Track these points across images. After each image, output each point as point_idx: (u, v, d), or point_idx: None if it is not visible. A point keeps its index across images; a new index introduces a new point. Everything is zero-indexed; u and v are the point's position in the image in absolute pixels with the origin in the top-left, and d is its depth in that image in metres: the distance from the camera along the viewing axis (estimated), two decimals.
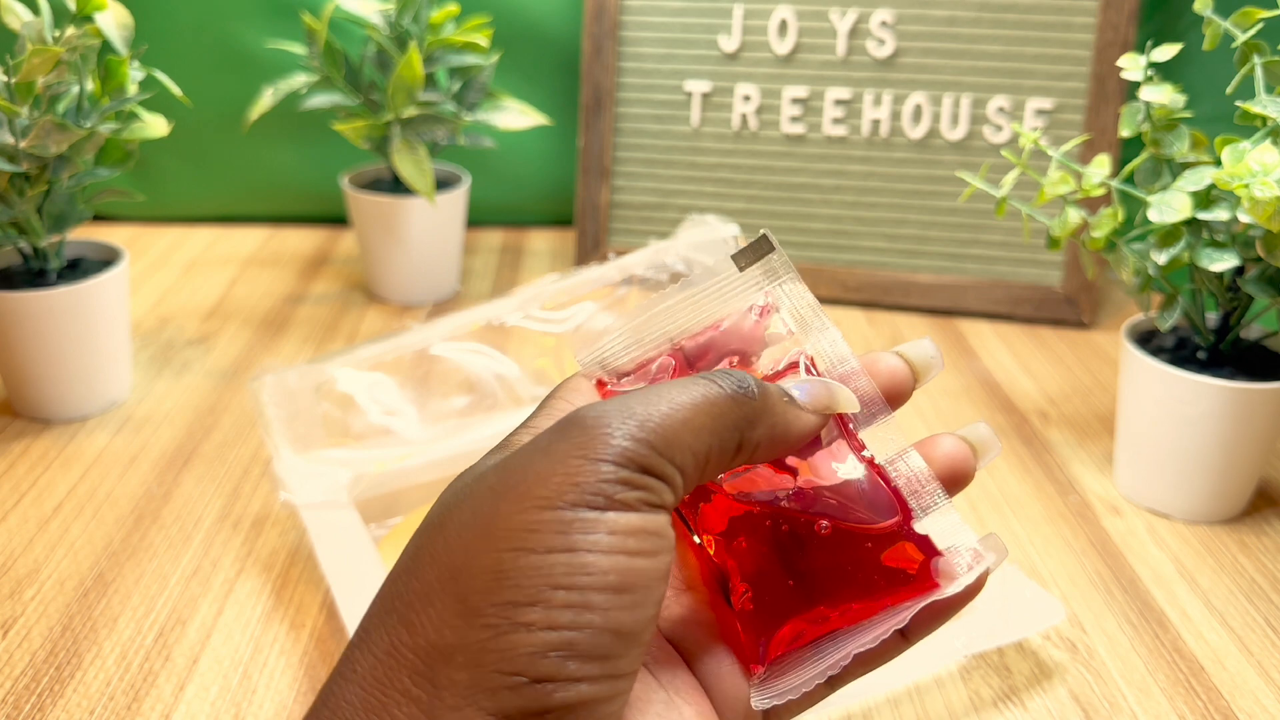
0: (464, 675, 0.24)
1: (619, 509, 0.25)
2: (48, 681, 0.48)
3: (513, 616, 0.24)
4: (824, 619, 0.30)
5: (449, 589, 0.25)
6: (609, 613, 0.24)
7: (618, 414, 0.26)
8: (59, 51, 0.59)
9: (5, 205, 0.63)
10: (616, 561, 0.25)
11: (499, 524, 0.25)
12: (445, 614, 0.24)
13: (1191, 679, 0.49)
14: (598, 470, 0.25)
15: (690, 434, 0.26)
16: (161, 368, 0.76)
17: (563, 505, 0.24)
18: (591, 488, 0.25)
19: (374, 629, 0.26)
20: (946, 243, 0.84)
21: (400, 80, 0.76)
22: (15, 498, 0.61)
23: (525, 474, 0.25)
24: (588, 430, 0.25)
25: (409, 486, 0.58)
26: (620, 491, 0.25)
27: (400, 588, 0.26)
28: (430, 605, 0.25)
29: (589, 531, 0.24)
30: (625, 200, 0.89)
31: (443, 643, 0.24)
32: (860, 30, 0.83)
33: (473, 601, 0.24)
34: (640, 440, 0.25)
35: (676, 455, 0.26)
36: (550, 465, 0.25)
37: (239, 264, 0.93)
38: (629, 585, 0.25)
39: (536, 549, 0.24)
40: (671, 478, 0.26)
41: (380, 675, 0.25)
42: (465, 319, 0.61)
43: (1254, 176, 0.51)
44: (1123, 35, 0.79)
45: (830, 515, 0.30)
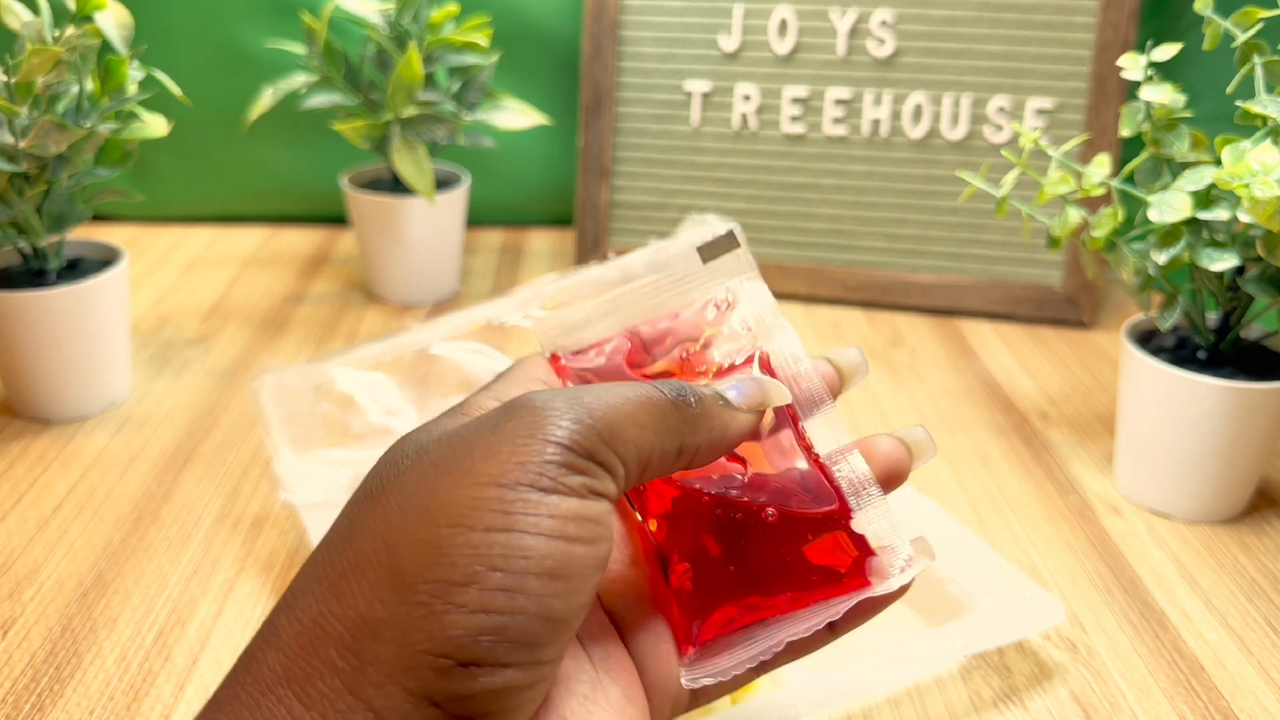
0: (391, 652, 0.23)
1: (562, 493, 0.25)
2: (47, 682, 0.48)
3: (446, 596, 0.23)
4: (757, 607, 0.30)
5: (383, 561, 0.24)
6: (543, 599, 0.24)
7: (566, 400, 0.26)
8: (58, 51, 0.59)
9: (5, 205, 0.63)
10: (555, 546, 0.24)
11: (439, 498, 0.24)
12: (377, 587, 0.24)
13: (1192, 679, 0.49)
14: (544, 451, 0.25)
15: (634, 429, 0.26)
16: (161, 368, 0.76)
17: (506, 483, 0.24)
18: (536, 468, 0.24)
19: (302, 595, 0.25)
20: (947, 242, 0.84)
21: (400, 80, 0.76)
22: (14, 498, 0.61)
23: (471, 449, 0.25)
24: (536, 411, 0.25)
25: None
26: (564, 475, 0.25)
27: (333, 555, 0.26)
28: (363, 576, 0.24)
29: (530, 512, 0.24)
30: (625, 200, 0.89)
31: (373, 616, 0.24)
32: (860, 30, 0.83)
33: (406, 576, 0.24)
34: (587, 426, 0.25)
35: (620, 447, 0.26)
36: (496, 442, 0.25)
37: (238, 264, 0.93)
38: (565, 572, 0.24)
39: (475, 526, 0.24)
40: (614, 468, 0.26)
41: (305, 644, 0.25)
42: (465, 319, 0.61)
43: (1254, 176, 0.51)
44: (1123, 35, 0.79)
45: (775, 504, 0.30)
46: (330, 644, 0.24)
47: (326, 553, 0.26)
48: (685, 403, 0.28)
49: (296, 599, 0.26)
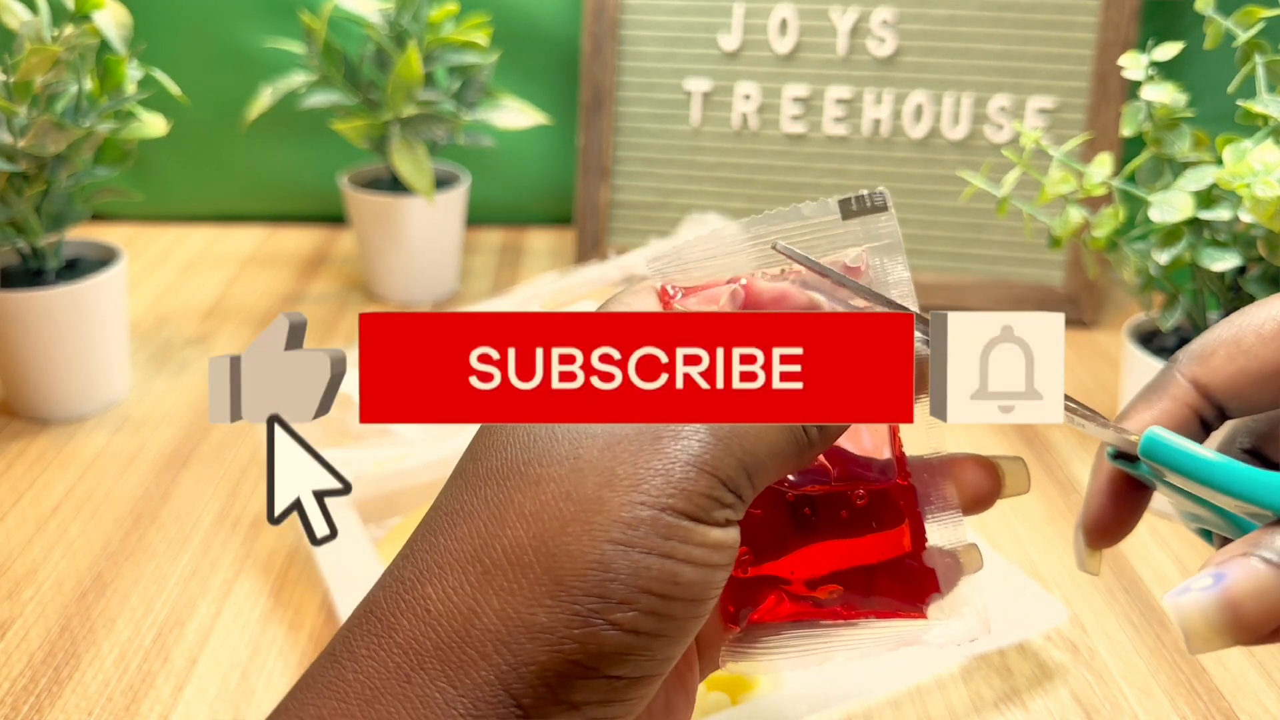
0: (545, 656, 0.25)
1: (711, 524, 0.26)
2: (46, 682, 0.48)
3: (603, 613, 0.25)
4: (807, 610, 0.30)
5: (544, 565, 0.25)
6: (685, 622, 0.26)
7: (736, 439, 0.26)
8: (57, 50, 0.59)
9: (3, 205, 0.63)
10: (700, 574, 0.26)
11: (603, 513, 0.25)
12: (537, 591, 0.25)
13: (1193, 680, 0.49)
14: (699, 482, 0.26)
15: (773, 465, 0.27)
16: (160, 367, 0.75)
17: (667, 509, 0.25)
18: (695, 499, 0.26)
19: (451, 570, 0.26)
20: (948, 242, 0.84)
21: (399, 79, 0.76)
22: (13, 498, 0.61)
23: (634, 465, 0.26)
24: (690, 434, 0.26)
25: (408, 487, 0.58)
26: (714, 508, 0.26)
27: (485, 535, 0.26)
28: (523, 576, 0.25)
29: (685, 540, 0.25)
30: (625, 200, 0.89)
31: (532, 620, 0.25)
32: (861, 29, 0.83)
33: (568, 586, 0.25)
34: (740, 462, 0.26)
35: (758, 481, 0.27)
36: (659, 462, 0.26)
37: (237, 263, 0.93)
38: (705, 596, 0.26)
39: (635, 547, 0.25)
40: (748, 499, 0.27)
41: (459, 628, 0.25)
42: None
43: (1255, 176, 0.50)
44: (1124, 34, 0.78)
45: (850, 511, 0.30)
46: (486, 636, 0.25)
47: (475, 528, 0.26)
48: (823, 440, 0.28)
49: (445, 574, 0.26)
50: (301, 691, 0.26)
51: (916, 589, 0.30)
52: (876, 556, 0.30)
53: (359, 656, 0.26)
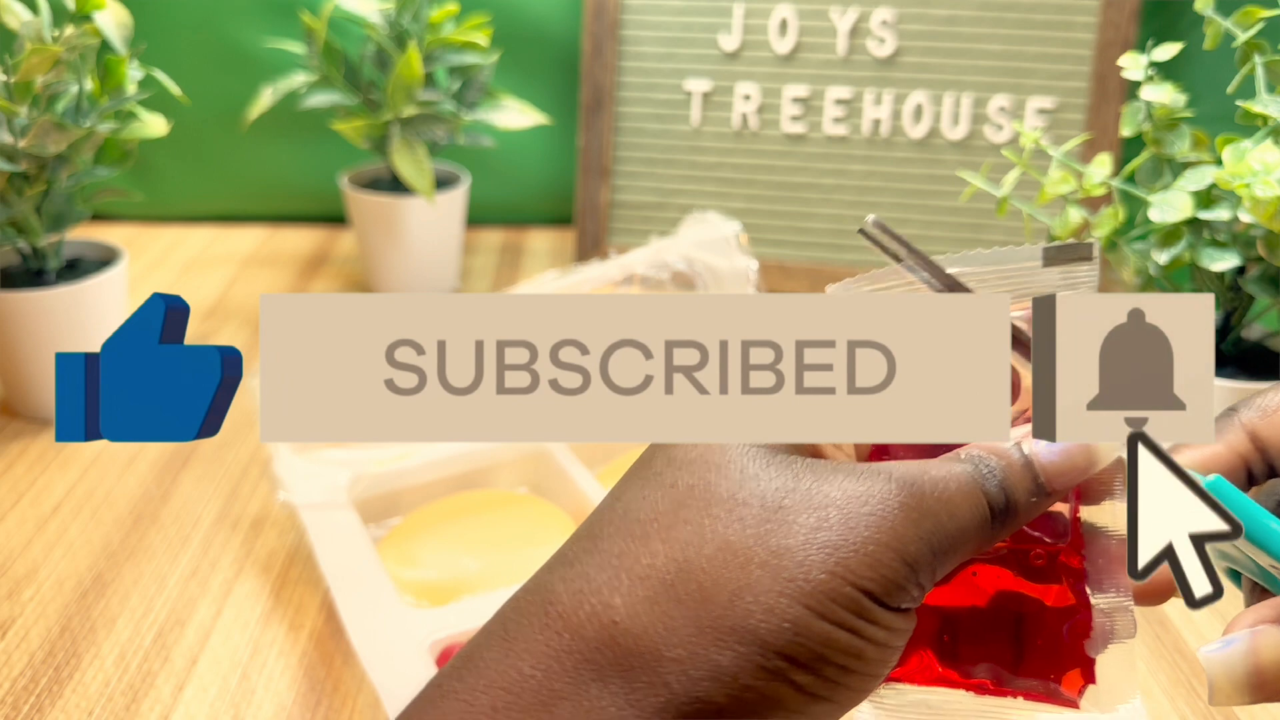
0: (724, 701, 0.25)
1: (899, 610, 0.26)
2: (46, 682, 0.48)
3: (789, 673, 0.25)
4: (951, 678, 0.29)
5: (741, 611, 0.25)
6: (858, 692, 0.26)
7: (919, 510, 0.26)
8: (58, 51, 0.59)
9: (4, 205, 0.63)
10: (881, 654, 0.26)
11: (805, 578, 0.25)
12: (728, 635, 0.25)
13: (1193, 679, 0.49)
14: (898, 570, 0.26)
15: (958, 555, 0.27)
16: None
17: (863, 590, 0.25)
18: (888, 585, 0.26)
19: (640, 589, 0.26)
20: (947, 242, 0.84)
21: (399, 79, 0.76)
22: (14, 498, 0.61)
23: (840, 533, 0.26)
24: (895, 519, 0.26)
25: (408, 487, 0.58)
26: (904, 596, 0.26)
27: (681, 563, 0.26)
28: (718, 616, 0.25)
29: (874, 622, 0.26)
30: (625, 200, 0.89)
31: (717, 663, 0.25)
32: (861, 29, 0.83)
33: (761, 638, 0.25)
34: (936, 555, 0.26)
35: (940, 568, 0.27)
36: (857, 538, 0.26)
37: (238, 263, 0.93)
38: (878, 675, 0.26)
39: (830, 618, 0.25)
40: (929, 586, 0.27)
41: (646, 649, 0.25)
42: None
43: (1255, 176, 0.50)
44: (1124, 34, 0.78)
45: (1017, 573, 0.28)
46: (672, 666, 0.25)
47: (672, 552, 0.26)
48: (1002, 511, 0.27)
49: (636, 589, 0.26)
50: (469, 673, 0.26)
51: (1072, 676, 0.28)
52: (1034, 633, 0.28)
53: (537, 652, 0.26)
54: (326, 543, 0.52)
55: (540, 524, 0.56)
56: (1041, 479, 0.27)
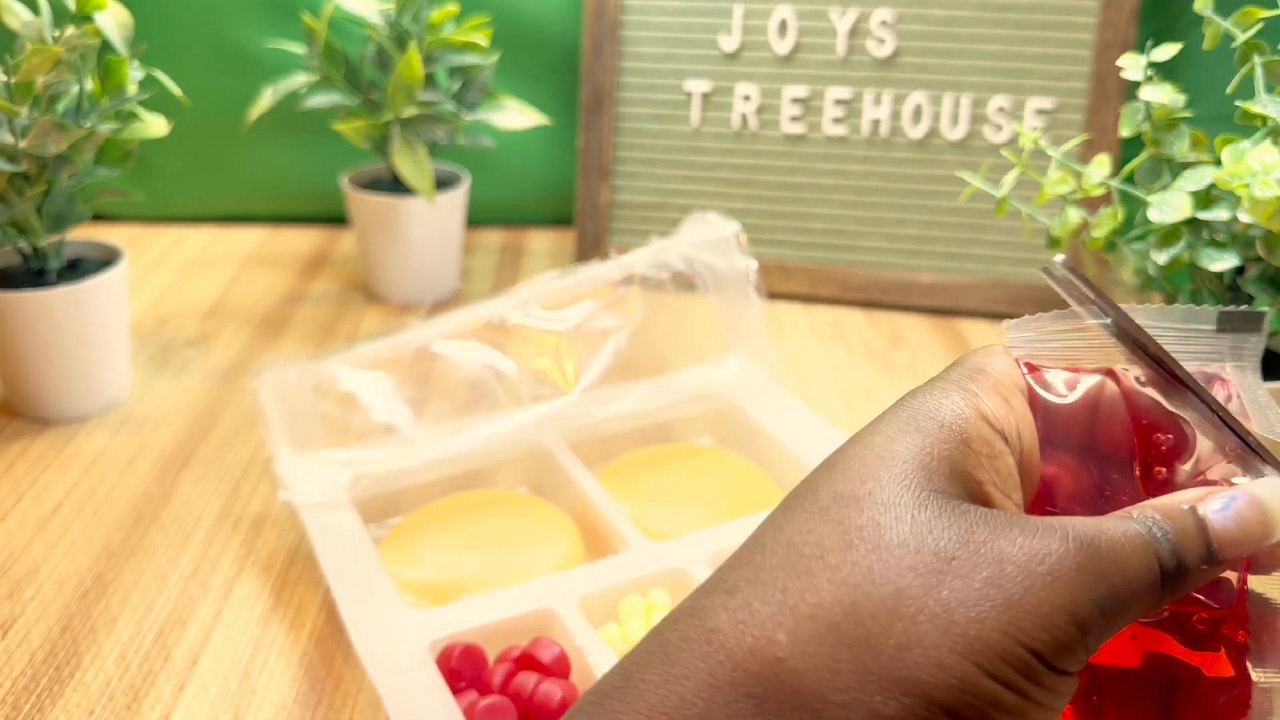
0: None
1: (1063, 674, 0.25)
2: (47, 682, 0.48)
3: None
4: None
5: (909, 663, 0.25)
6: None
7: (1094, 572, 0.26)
8: (58, 51, 0.59)
9: (5, 205, 0.63)
10: (1042, 715, 0.25)
11: (973, 630, 0.25)
12: (894, 687, 0.25)
13: None
14: (1069, 633, 0.25)
15: (1127, 619, 0.26)
16: (161, 367, 0.76)
17: (1034, 651, 0.25)
18: (1059, 646, 0.25)
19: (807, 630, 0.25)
20: (947, 242, 0.84)
21: (400, 80, 0.76)
22: (14, 498, 0.61)
23: (1007, 589, 0.25)
24: (1070, 578, 0.25)
25: (409, 486, 0.58)
26: (1069, 657, 0.25)
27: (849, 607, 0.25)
28: (885, 665, 0.25)
29: (1040, 684, 0.25)
30: (625, 200, 0.89)
31: (882, 711, 0.24)
32: (860, 30, 0.83)
33: (928, 691, 0.24)
34: (1101, 609, 0.26)
35: (1108, 632, 0.26)
36: (1032, 600, 0.25)
37: (238, 263, 0.93)
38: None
39: (998, 678, 0.25)
40: (1095, 648, 0.26)
41: (807, 692, 0.25)
42: (465, 317, 0.61)
43: (1254, 176, 0.51)
44: (1123, 35, 0.79)
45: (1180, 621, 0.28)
46: (836, 711, 0.24)
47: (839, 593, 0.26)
48: (1173, 576, 0.27)
49: (801, 627, 0.25)
50: (630, 693, 0.26)
51: None
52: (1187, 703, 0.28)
53: (699, 679, 0.25)
54: (327, 542, 0.53)
55: (540, 524, 0.56)
56: (1214, 545, 0.26)
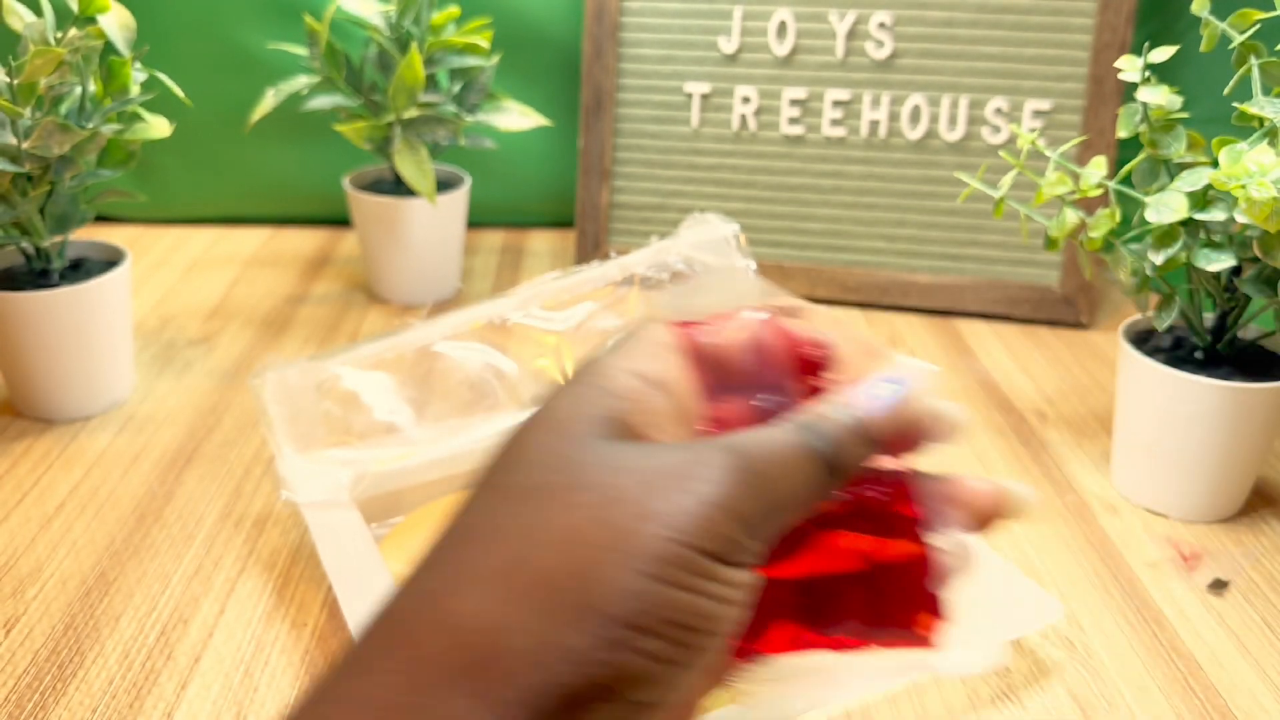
0: (575, 680, 0.25)
1: (738, 565, 0.27)
2: (50, 680, 0.49)
3: (634, 642, 0.25)
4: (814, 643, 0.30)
5: (577, 588, 0.26)
6: (705, 653, 0.27)
7: (747, 469, 0.27)
8: (61, 53, 0.60)
9: (8, 206, 0.64)
10: (722, 610, 0.27)
11: (638, 545, 0.26)
12: (569, 613, 0.25)
13: (1189, 678, 0.49)
14: (730, 527, 0.26)
15: (794, 508, 0.28)
16: (163, 368, 0.76)
17: (698, 549, 0.26)
18: (723, 541, 0.26)
19: (476, 587, 0.26)
20: (945, 243, 0.84)
21: (401, 81, 0.76)
22: (18, 497, 0.61)
23: (667, 502, 0.26)
24: (723, 479, 0.27)
25: (410, 486, 0.59)
26: (739, 550, 0.27)
27: (517, 555, 0.26)
28: (556, 598, 0.26)
29: (716, 579, 0.26)
30: (625, 201, 0.89)
31: (562, 642, 0.25)
32: (859, 32, 0.83)
33: (601, 610, 0.25)
34: (766, 509, 0.27)
35: (777, 522, 0.28)
36: (690, 502, 0.26)
37: (240, 264, 0.93)
38: (725, 633, 0.27)
39: (671, 582, 0.26)
40: (768, 541, 0.28)
41: (489, 646, 0.25)
42: (467, 317, 0.61)
43: (1251, 177, 0.51)
44: (1120, 36, 0.79)
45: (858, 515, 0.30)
46: (516, 655, 0.25)
47: (506, 547, 0.27)
48: (834, 464, 0.28)
49: (474, 590, 0.26)
50: (319, 704, 0.26)
51: (923, 616, 0.30)
52: (882, 582, 0.30)
53: (382, 669, 0.26)
54: (329, 541, 0.53)
55: None
56: (863, 429, 0.29)
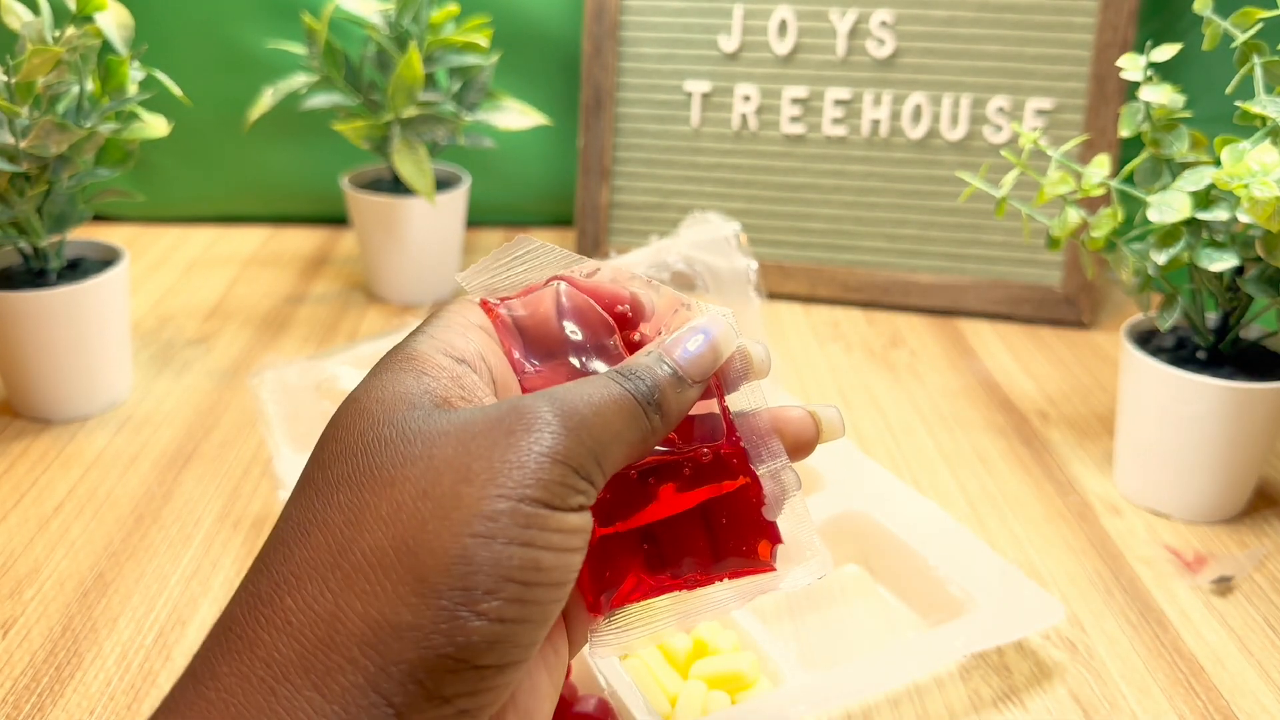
0: (413, 653, 0.25)
1: (565, 510, 0.27)
2: (48, 681, 0.48)
3: (469, 605, 0.25)
4: (664, 586, 0.32)
5: (405, 564, 0.25)
6: (547, 606, 0.26)
7: (564, 417, 0.27)
8: (59, 51, 0.59)
9: (5, 205, 0.63)
10: (560, 559, 0.26)
11: (462, 508, 0.26)
12: (400, 589, 0.25)
13: (1191, 679, 0.49)
14: (556, 472, 0.26)
15: (619, 447, 0.28)
16: (162, 368, 0.76)
17: (524, 500, 0.26)
18: (550, 488, 0.26)
19: (310, 581, 0.26)
20: (946, 243, 0.84)
21: (400, 80, 0.76)
22: (15, 497, 0.61)
23: (489, 460, 0.26)
24: (538, 425, 0.27)
25: None
26: (568, 494, 0.27)
27: (342, 541, 0.26)
28: (385, 576, 0.25)
29: (543, 528, 0.26)
30: (625, 200, 0.89)
31: (397, 619, 0.25)
32: (860, 30, 0.83)
33: (432, 582, 0.25)
34: (586, 448, 0.27)
35: (606, 464, 0.28)
36: (513, 455, 0.26)
37: (239, 264, 0.93)
38: (564, 580, 0.27)
39: (497, 538, 0.25)
40: (598, 483, 0.28)
41: (323, 636, 0.25)
42: None
43: (1253, 176, 0.51)
44: (1122, 35, 0.79)
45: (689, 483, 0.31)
46: (352, 641, 0.25)
47: (331, 535, 0.26)
48: (655, 406, 0.29)
49: (303, 584, 0.26)
50: (163, 717, 0.26)
51: (761, 543, 0.31)
52: (719, 517, 0.31)
53: (220, 675, 0.26)
54: None
55: None
56: (680, 372, 0.30)
